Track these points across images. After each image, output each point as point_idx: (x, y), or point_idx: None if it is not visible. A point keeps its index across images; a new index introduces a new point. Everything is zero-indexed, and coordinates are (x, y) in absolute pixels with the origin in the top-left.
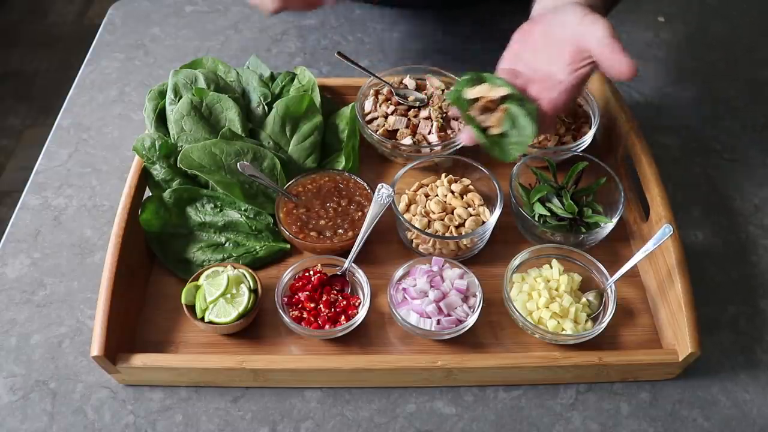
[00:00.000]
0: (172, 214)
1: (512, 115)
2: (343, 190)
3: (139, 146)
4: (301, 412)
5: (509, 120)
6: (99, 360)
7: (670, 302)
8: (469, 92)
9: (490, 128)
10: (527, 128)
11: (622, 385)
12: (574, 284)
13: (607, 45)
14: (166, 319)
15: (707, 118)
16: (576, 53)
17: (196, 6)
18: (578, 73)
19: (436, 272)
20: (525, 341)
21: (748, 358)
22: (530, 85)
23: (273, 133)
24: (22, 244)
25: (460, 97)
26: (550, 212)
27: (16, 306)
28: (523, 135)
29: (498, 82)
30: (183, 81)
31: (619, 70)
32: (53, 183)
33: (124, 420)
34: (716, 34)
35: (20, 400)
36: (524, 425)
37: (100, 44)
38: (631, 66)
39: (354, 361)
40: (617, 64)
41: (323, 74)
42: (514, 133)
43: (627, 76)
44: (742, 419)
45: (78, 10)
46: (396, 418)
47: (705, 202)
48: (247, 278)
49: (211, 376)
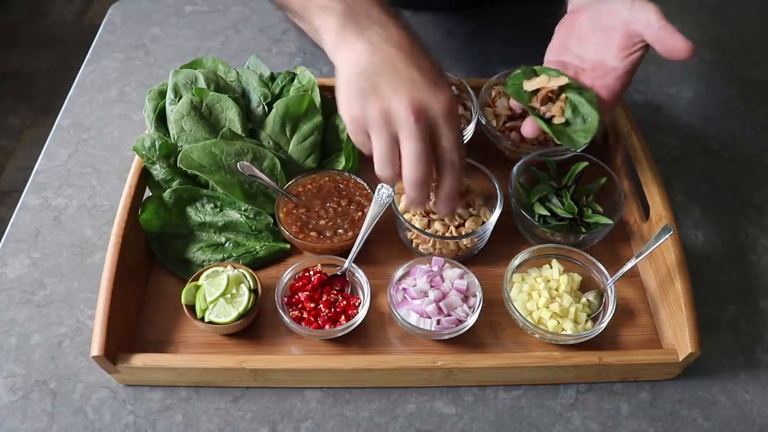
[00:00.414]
0: (172, 214)
1: (573, 103)
2: (343, 190)
3: (139, 146)
4: (301, 412)
5: (571, 108)
6: (99, 360)
7: (670, 302)
8: (528, 84)
9: (553, 118)
10: (591, 115)
11: (622, 385)
12: (574, 284)
13: (661, 27)
14: (166, 319)
15: (707, 118)
16: (627, 38)
17: (196, 6)
18: (631, 58)
19: (436, 272)
20: (525, 341)
21: (748, 358)
22: (581, 75)
23: (273, 133)
24: (22, 244)
25: (521, 90)
26: (550, 212)
27: (16, 306)
28: (588, 122)
29: (553, 73)
30: (183, 81)
31: (678, 50)
32: (53, 183)
33: (124, 420)
34: (716, 34)
35: (20, 400)
36: (524, 425)
37: (100, 44)
38: (689, 46)
39: (354, 361)
40: (674, 44)
41: (323, 74)
42: (578, 121)
43: (685, 56)
44: (742, 419)
45: (78, 10)
46: (396, 418)
47: (705, 202)
48: (247, 278)
49: (211, 376)
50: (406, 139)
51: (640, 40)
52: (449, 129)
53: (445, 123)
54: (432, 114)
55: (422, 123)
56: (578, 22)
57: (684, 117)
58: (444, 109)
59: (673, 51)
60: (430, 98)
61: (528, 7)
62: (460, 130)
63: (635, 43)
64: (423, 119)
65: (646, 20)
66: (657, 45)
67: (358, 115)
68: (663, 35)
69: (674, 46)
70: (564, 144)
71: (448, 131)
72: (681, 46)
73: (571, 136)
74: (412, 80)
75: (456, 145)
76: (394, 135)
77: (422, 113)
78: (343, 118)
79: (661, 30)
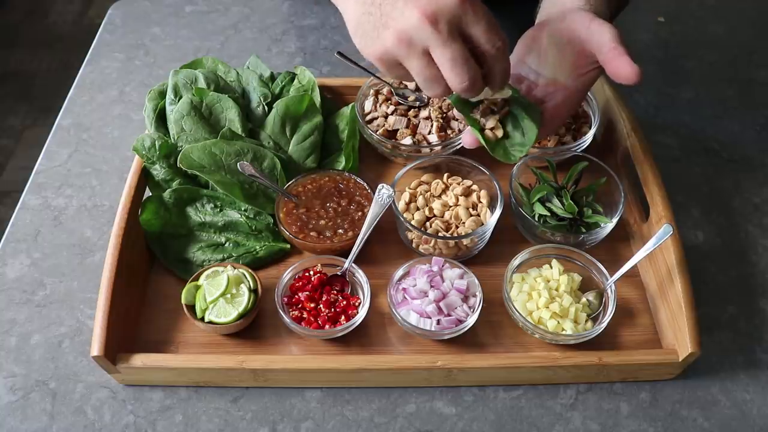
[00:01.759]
0: (172, 214)
1: (515, 117)
2: (343, 190)
3: (139, 146)
4: (301, 412)
5: (512, 122)
6: (99, 360)
7: (670, 302)
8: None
9: (492, 130)
10: (530, 131)
11: (622, 385)
12: (574, 284)
13: (613, 49)
14: (166, 319)
15: (707, 118)
16: (582, 58)
17: (196, 6)
18: (584, 79)
19: (436, 272)
20: (525, 341)
21: (748, 358)
22: (534, 90)
23: (273, 133)
24: (22, 244)
25: (461, 99)
26: (550, 212)
27: (16, 306)
28: (526, 137)
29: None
30: (183, 81)
31: (625, 75)
32: (53, 183)
33: (124, 420)
34: (716, 34)
35: (20, 400)
36: (524, 425)
37: (100, 44)
38: (636, 71)
39: (354, 361)
40: (623, 68)
41: (323, 74)
42: (517, 135)
43: (632, 81)
44: (742, 419)
45: (78, 10)
46: (396, 418)
47: (705, 202)
48: (247, 278)
49: (210, 376)
50: (435, 50)
51: (594, 60)
52: (473, 16)
53: (466, 13)
54: (448, 11)
55: (443, 24)
56: (538, 38)
57: (684, 117)
58: (456, 2)
59: (619, 74)
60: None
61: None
62: (487, 13)
63: (589, 63)
64: (441, 21)
65: (599, 41)
66: (606, 66)
67: (383, 51)
68: (612, 57)
69: (621, 69)
70: (498, 158)
71: (473, 20)
72: (628, 70)
73: (507, 150)
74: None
75: (487, 30)
76: (423, 52)
77: (437, 16)
78: (371, 61)
79: (612, 51)
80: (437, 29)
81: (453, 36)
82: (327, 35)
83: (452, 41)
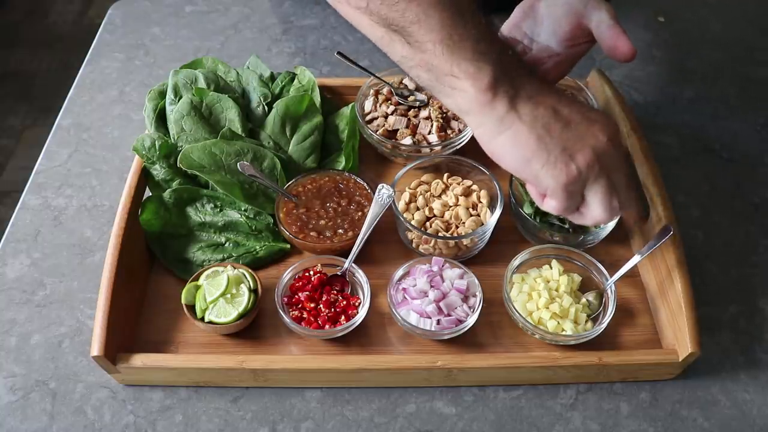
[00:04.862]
0: (172, 214)
1: None
2: (343, 190)
3: (139, 146)
4: (301, 412)
5: None
6: (99, 360)
7: (670, 302)
8: None
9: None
10: None
11: (622, 385)
12: (573, 285)
13: (612, 27)
14: (166, 319)
15: (707, 118)
16: (576, 30)
17: (196, 6)
18: (576, 49)
19: (436, 272)
20: (525, 341)
21: (748, 358)
22: (525, 54)
23: (273, 133)
24: (22, 244)
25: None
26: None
27: (16, 306)
28: None
29: None
30: (183, 81)
31: (621, 51)
32: (53, 183)
33: (124, 420)
34: (716, 33)
35: (20, 400)
36: (524, 425)
37: (100, 44)
38: (632, 48)
39: (354, 361)
40: (622, 46)
41: (323, 74)
42: None
43: (627, 58)
44: (742, 419)
45: (78, 10)
46: (396, 418)
47: (705, 202)
48: (247, 278)
49: (210, 376)
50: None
51: (588, 34)
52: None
53: (611, 156)
54: (601, 154)
55: (600, 165)
56: (536, 6)
57: (684, 117)
58: (604, 145)
59: (616, 51)
60: (590, 141)
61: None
62: (625, 154)
63: (582, 36)
64: (599, 164)
65: (597, 18)
66: (603, 43)
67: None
68: (610, 35)
69: (620, 47)
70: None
71: (617, 162)
72: (625, 48)
73: None
74: (578, 137)
75: (625, 178)
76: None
77: (597, 160)
78: (558, 191)
79: (610, 29)
80: (619, 152)
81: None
82: (327, 35)
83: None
